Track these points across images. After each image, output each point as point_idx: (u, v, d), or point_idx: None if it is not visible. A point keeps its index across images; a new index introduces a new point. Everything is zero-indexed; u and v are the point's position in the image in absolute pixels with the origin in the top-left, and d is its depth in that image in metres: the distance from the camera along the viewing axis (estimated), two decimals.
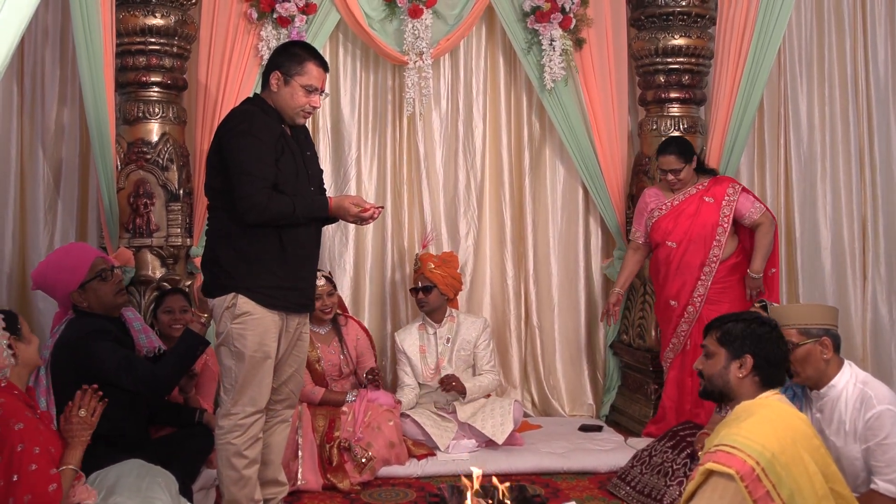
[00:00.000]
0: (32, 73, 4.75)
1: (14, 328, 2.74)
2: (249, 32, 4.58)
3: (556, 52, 4.83)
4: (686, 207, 4.49)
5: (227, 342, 3.11)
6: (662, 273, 4.56)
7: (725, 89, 4.82)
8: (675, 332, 4.51)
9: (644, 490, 3.73)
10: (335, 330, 4.40)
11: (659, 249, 4.56)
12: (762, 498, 2.22)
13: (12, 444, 2.52)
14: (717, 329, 2.53)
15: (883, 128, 5.40)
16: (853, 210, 5.39)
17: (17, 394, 2.69)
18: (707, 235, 4.43)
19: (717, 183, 4.52)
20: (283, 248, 3.10)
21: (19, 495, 2.49)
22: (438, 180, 5.22)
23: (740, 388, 2.46)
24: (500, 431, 4.30)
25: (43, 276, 3.40)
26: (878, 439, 2.81)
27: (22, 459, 2.52)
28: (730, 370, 2.48)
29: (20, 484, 2.49)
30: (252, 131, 3.06)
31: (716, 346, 2.51)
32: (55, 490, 2.54)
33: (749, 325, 2.49)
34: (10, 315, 2.79)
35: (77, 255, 3.43)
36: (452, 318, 4.67)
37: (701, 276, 4.44)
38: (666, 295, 4.55)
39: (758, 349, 2.44)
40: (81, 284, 3.31)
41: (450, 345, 4.62)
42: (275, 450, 3.37)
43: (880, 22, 5.40)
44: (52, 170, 4.82)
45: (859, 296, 5.39)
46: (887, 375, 5.20)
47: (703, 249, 4.43)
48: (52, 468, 2.58)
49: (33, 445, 2.55)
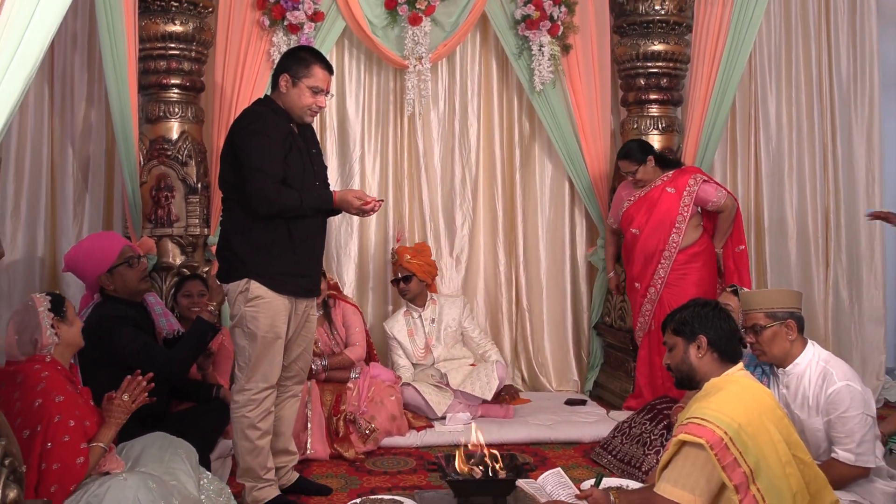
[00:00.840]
0: (62, 77, 4.74)
1: (59, 310, 2.76)
2: (262, 38, 4.57)
3: (544, 57, 4.83)
4: (650, 197, 4.53)
5: (240, 324, 3.11)
6: (629, 257, 4.63)
7: (700, 91, 4.84)
8: (641, 311, 4.58)
9: (624, 458, 3.74)
10: (325, 313, 4.38)
11: (626, 236, 4.63)
12: (730, 465, 2.22)
13: (51, 415, 2.54)
14: (670, 323, 2.55)
15: (845, 127, 5.41)
16: (817, 202, 5.40)
17: (60, 369, 2.70)
18: (668, 223, 4.46)
19: (681, 174, 4.54)
20: (292, 237, 3.10)
21: (50, 462, 2.50)
22: (436, 175, 5.21)
23: (703, 368, 2.47)
24: (487, 389, 4.35)
25: (75, 259, 3.41)
26: (838, 412, 2.82)
27: (57, 430, 2.53)
28: (689, 354, 2.48)
29: (52, 452, 2.51)
30: (263, 130, 3.05)
31: (673, 338, 2.52)
32: (82, 463, 2.55)
33: (694, 309, 2.50)
34: (57, 298, 2.80)
35: (108, 241, 3.46)
36: (434, 301, 4.72)
37: (661, 261, 4.48)
38: (630, 277, 4.63)
39: (707, 328, 2.45)
40: (110, 269, 3.33)
41: (435, 325, 4.66)
42: (286, 422, 3.38)
43: (843, 30, 5.40)
44: (81, 165, 4.81)
45: (822, 281, 5.41)
46: (847, 354, 5.23)
47: (664, 236, 4.47)
48: (82, 442, 2.58)
49: (69, 418, 2.57)
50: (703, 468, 2.26)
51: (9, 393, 2.61)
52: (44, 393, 2.57)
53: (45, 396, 2.56)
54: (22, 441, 2.49)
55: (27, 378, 2.61)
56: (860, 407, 2.81)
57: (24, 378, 2.62)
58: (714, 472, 2.24)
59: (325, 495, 3.43)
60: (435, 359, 4.59)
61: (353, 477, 3.70)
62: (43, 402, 2.55)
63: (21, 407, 2.57)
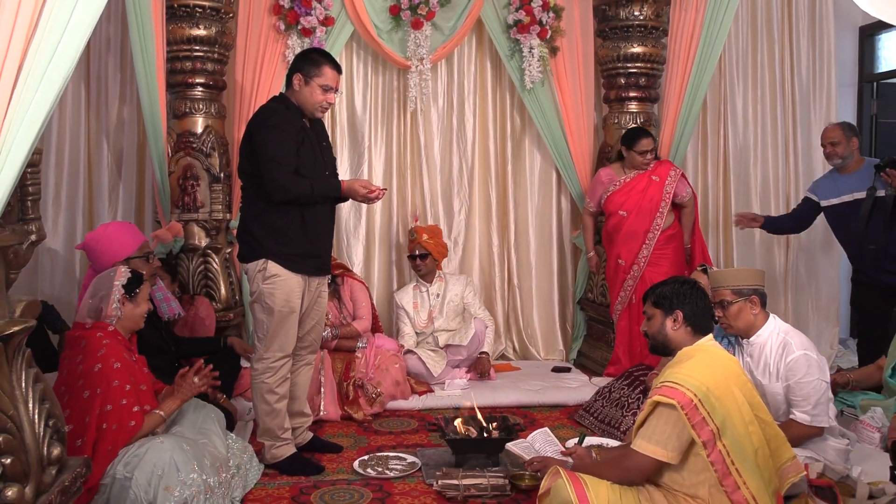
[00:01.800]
0: (97, 77, 4.71)
1: (131, 290, 2.75)
2: (278, 41, 4.53)
3: (534, 58, 4.80)
4: (636, 184, 4.53)
5: (259, 300, 3.11)
6: (614, 238, 4.60)
7: (675, 89, 4.81)
8: (623, 287, 4.57)
9: (605, 419, 3.76)
10: (334, 290, 4.38)
11: (611, 218, 4.60)
12: (699, 423, 2.24)
13: (109, 380, 2.55)
14: (651, 295, 2.54)
15: (805, 122, 5.41)
16: (779, 190, 5.41)
17: (120, 339, 2.71)
18: (653, 208, 4.50)
19: (660, 165, 4.59)
20: (304, 222, 3.09)
21: (109, 423, 2.52)
22: (436, 165, 5.19)
23: (677, 338, 2.47)
24: (465, 337, 4.43)
25: (97, 240, 3.33)
26: (796, 378, 2.84)
27: (116, 394, 2.55)
28: (666, 326, 2.48)
29: (110, 414, 2.53)
30: (278, 124, 3.04)
31: (652, 309, 2.52)
32: (134, 426, 2.57)
33: (674, 286, 2.50)
34: (135, 278, 2.78)
35: (131, 233, 3.43)
36: (441, 278, 4.72)
37: (645, 241, 4.51)
38: (615, 254, 4.60)
39: (684, 304, 2.45)
40: (128, 258, 3.29)
41: (439, 300, 4.66)
42: (301, 387, 3.38)
43: (803, 34, 5.39)
44: (115, 157, 4.79)
45: (783, 261, 5.42)
46: (804, 326, 5.24)
47: (649, 219, 4.50)
48: (135, 406, 2.59)
49: (125, 383, 2.58)
50: (674, 426, 2.28)
51: (73, 356, 2.63)
52: (103, 359, 2.58)
53: (105, 362, 2.57)
54: (82, 401, 2.53)
55: (90, 344, 2.62)
56: (816, 373, 2.83)
57: (87, 343, 2.63)
58: (684, 429, 2.26)
59: (336, 452, 3.44)
60: (435, 328, 4.60)
61: (362, 436, 3.72)
62: (102, 367, 2.56)
63: (83, 370, 2.58)
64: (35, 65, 1.51)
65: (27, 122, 1.51)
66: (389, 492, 3.01)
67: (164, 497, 2.42)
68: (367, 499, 2.94)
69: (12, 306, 1.73)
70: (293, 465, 3.19)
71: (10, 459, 1.61)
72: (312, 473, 3.18)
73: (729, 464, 2.22)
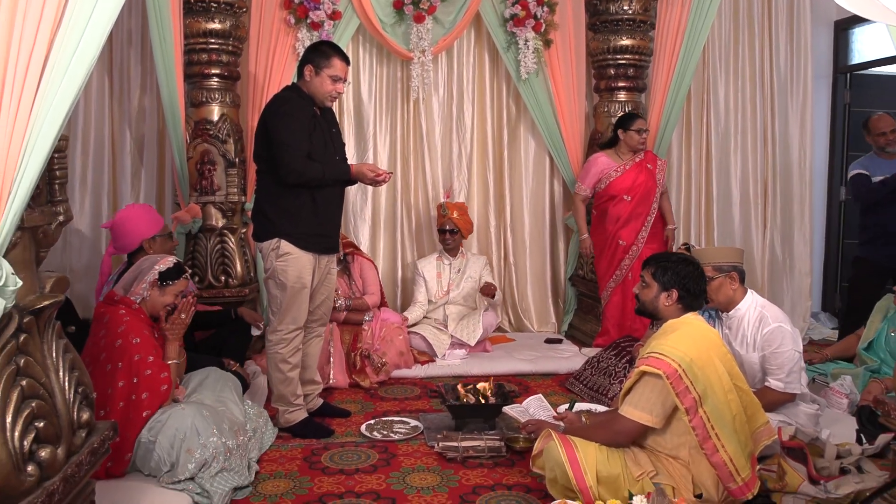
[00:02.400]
0: (119, 68, 4.67)
1: (164, 280, 2.74)
2: (288, 34, 4.49)
3: (529, 50, 4.76)
4: (638, 171, 4.50)
5: (272, 276, 3.11)
6: (616, 221, 4.52)
7: (661, 80, 4.78)
8: (619, 265, 4.53)
9: (593, 387, 3.77)
10: (345, 267, 4.37)
11: (613, 202, 4.51)
12: (682, 391, 2.25)
13: (131, 354, 2.56)
14: (654, 265, 2.50)
15: (782, 111, 5.38)
16: (758, 174, 5.39)
17: (143, 317, 2.70)
18: (651, 193, 4.50)
19: (650, 155, 4.59)
20: (315, 203, 3.08)
21: (139, 393, 2.54)
22: (437, 150, 5.15)
23: (666, 312, 2.47)
24: (472, 336, 4.38)
25: (128, 217, 3.37)
26: (771, 349, 2.84)
27: (140, 366, 2.56)
28: (659, 299, 2.48)
29: (139, 384, 2.55)
30: (291, 112, 3.02)
31: (651, 279, 2.50)
32: (165, 389, 2.59)
33: (677, 265, 2.47)
34: (173, 271, 2.76)
35: (155, 214, 3.51)
36: (463, 255, 4.70)
37: (645, 223, 4.50)
38: (617, 237, 4.53)
39: (682, 285, 2.44)
40: (154, 235, 3.34)
41: (459, 274, 4.64)
42: (312, 357, 3.39)
43: (782, 29, 5.35)
44: (137, 143, 4.76)
45: (760, 240, 5.41)
46: (780, 300, 5.26)
47: (648, 203, 4.50)
48: (163, 372, 2.61)
49: (147, 355, 2.59)
50: (659, 394, 2.29)
51: (97, 330, 2.65)
52: (123, 334, 2.58)
53: (125, 338, 2.58)
54: (105, 373, 2.55)
55: (112, 319, 2.63)
56: (790, 344, 2.84)
57: (109, 319, 2.64)
58: (669, 397, 2.27)
59: (344, 417, 3.46)
60: (448, 300, 4.59)
61: (368, 402, 3.74)
62: (122, 342, 2.57)
63: (105, 343, 2.59)
64: (60, 58, 1.50)
65: (53, 111, 1.50)
66: (394, 453, 3.03)
67: (186, 459, 2.44)
68: (374, 459, 2.96)
69: (42, 282, 1.73)
70: (305, 429, 3.21)
71: (43, 423, 1.62)
72: (323, 436, 3.19)
73: (709, 429, 2.23)
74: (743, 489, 2.28)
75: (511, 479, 2.77)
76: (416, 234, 5.18)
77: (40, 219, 1.71)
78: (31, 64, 1.47)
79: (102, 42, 1.56)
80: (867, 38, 5.43)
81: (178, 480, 2.43)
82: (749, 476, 2.29)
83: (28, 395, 1.60)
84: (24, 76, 1.46)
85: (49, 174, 1.78)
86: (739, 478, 2.26)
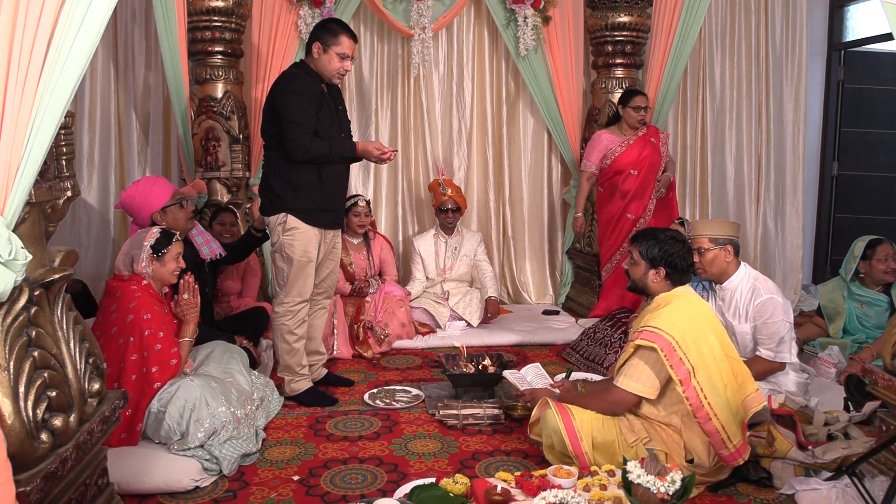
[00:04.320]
0: (124, 46, 4.62)
1: (158, 250, 2.71)
2: (290, 12, 4.42)
3: (528, 27, 4.69)
4: (642, 145, 4.48)
5: (279, 250, 3.10)
6: (625, 196, 4.51)
7: (658, 57, 4.72)
8: (627, 238, 4.48)
9: (589, 357, 3.79)
10: (365, 242, 4.37)
11: (619, 177, 4.49)
12: (676, 363, 2.25)
13: (141, 329, 2.56)
14: (642, 243, 2.48)
15: (777, 88, 5.33)
16: (752, 150, 5.35)
17: (153, 293, 2.69)
18: (656, 166, 4.50)
19: (652, 129, 4.55)
20: (321, 179, 3.06)
21: (150, 367, 2.55)
22: (437, 127, 5.12)
23: (655, 288, 2.47)
24: (475, 317, 4.40)
25: (132, 197, 3.28)
26: (762, 319, 2.85)
27: (150, 342, 2.56)
28: (648, 276, 2.47)
29: (149, 359, 2.55)
30: (298, 89, 2.98)
31: (639, 258, 2.49)
32: (175, 363, 2.60)
33: (664, 243, 2.44)
34: (163, 239, 2.73)
35: (162, 185, 3.34)
36: (459, 232, 4.66)
37: (651, 197, 4.52)
38: (626, 211, 4.52)
39: (669, 263, 2.43)
40: (163, 207, 3.25)
41: (455, 252, 4.62)
42: (316, 328, 3.39)
43: (778, 6, 5.28)
44: (142, 120, 4.73)
45: (753, 214, 5.39)
46: (771, 273, 5.26)
47: (654, 176, 4.51)
48: (173, 347, 2.62)
49: (158, 331, 2.58)
50: (654, 366, 2.30)
51: (108, 304, 2.64)
52: (135, 310, 2.58)
53: (136, 313, 2.58)
54: (117, 346, 2.55)
55: (123, 294, 2.62)
56: (781, 315, 2.84)
57: (121, 294, 2.63)
58: (663, 369, 2.28)
59: (348, 386, 3.47)
60: (446, 278, 4.59)
61: (371, 372, 3.75)
62: (134, 318, 2.57)
63: (117, 318, 2.59)
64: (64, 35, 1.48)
65: (59, 88, 1.49)
66: (396, 421, 3.05)
67: (195, 428, 2.46)
68: (376, 427, 2.98)
69: (52, 256, 1.73)
70: (310, 398, 3.23)
71: (55, 392, 1.63)
72: (327, 405, 3.21)
73: (702, 398, 2.25)
74: (734, 455, 2.30)
75: (509, 445, 2.80)
76: (417, 209, 5.17)
77: (48, 194, 1.70)
78: (36, 41, 1.45)
79: (106, 19, 1.54)
80: (862, 16, 5.36)
81: (188, 448, 2.45)
82: (740, 442, 2.31)
83: (40, 365, 1.61)
84: (29, 53, 1.44)
85: (56, 150, 1.76)
86: (731, 444, 2.28)
